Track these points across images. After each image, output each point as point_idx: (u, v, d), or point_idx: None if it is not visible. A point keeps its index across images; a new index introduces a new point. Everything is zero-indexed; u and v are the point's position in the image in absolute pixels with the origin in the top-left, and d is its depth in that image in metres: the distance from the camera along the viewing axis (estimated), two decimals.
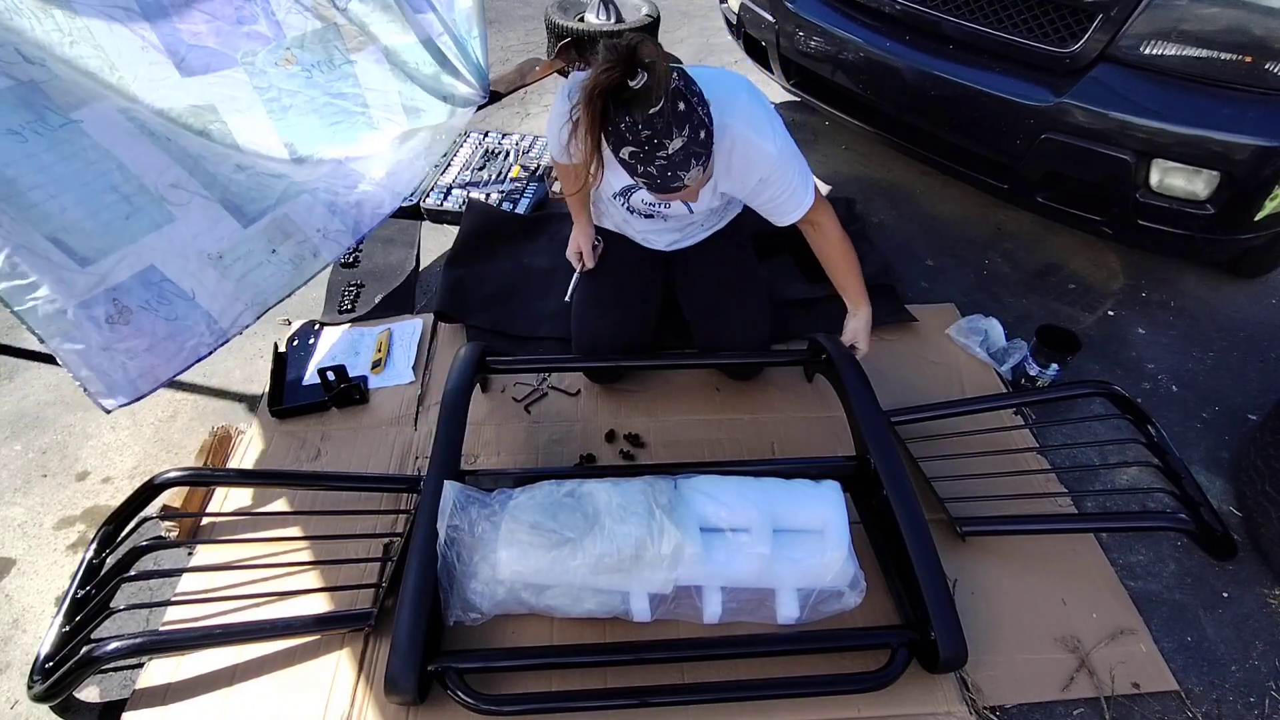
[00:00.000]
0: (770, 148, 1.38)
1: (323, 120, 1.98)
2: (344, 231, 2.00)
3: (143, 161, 1.56)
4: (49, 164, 1.43)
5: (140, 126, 1.54)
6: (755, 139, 1.37)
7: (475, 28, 2.50)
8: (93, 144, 1.47)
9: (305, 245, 1.90)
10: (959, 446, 1.62)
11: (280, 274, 1.85)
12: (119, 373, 1.52)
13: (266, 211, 1.80)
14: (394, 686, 1.17)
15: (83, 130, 1.46)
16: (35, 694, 1.19)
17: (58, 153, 1.44)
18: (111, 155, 1.51)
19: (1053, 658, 1.35)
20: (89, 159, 1.48)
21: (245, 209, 1.75)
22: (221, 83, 1.71)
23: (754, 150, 1.38)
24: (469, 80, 2.49)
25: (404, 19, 2.08)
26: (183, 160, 1.62)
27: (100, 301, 1.49)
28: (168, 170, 1.59)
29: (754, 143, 1.37)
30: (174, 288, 1.62)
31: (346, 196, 2.01)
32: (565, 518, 1.28)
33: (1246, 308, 2.15)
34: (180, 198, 1.62)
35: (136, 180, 1.55)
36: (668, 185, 1.21)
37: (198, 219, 1.66)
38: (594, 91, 1.11)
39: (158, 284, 1.59)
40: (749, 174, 1.42)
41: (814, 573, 1.30)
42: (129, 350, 1.53)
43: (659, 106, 1.11)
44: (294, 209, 1.86)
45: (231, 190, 1.72)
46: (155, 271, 1.59)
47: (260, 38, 1.75)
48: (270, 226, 1.81)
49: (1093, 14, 1.74)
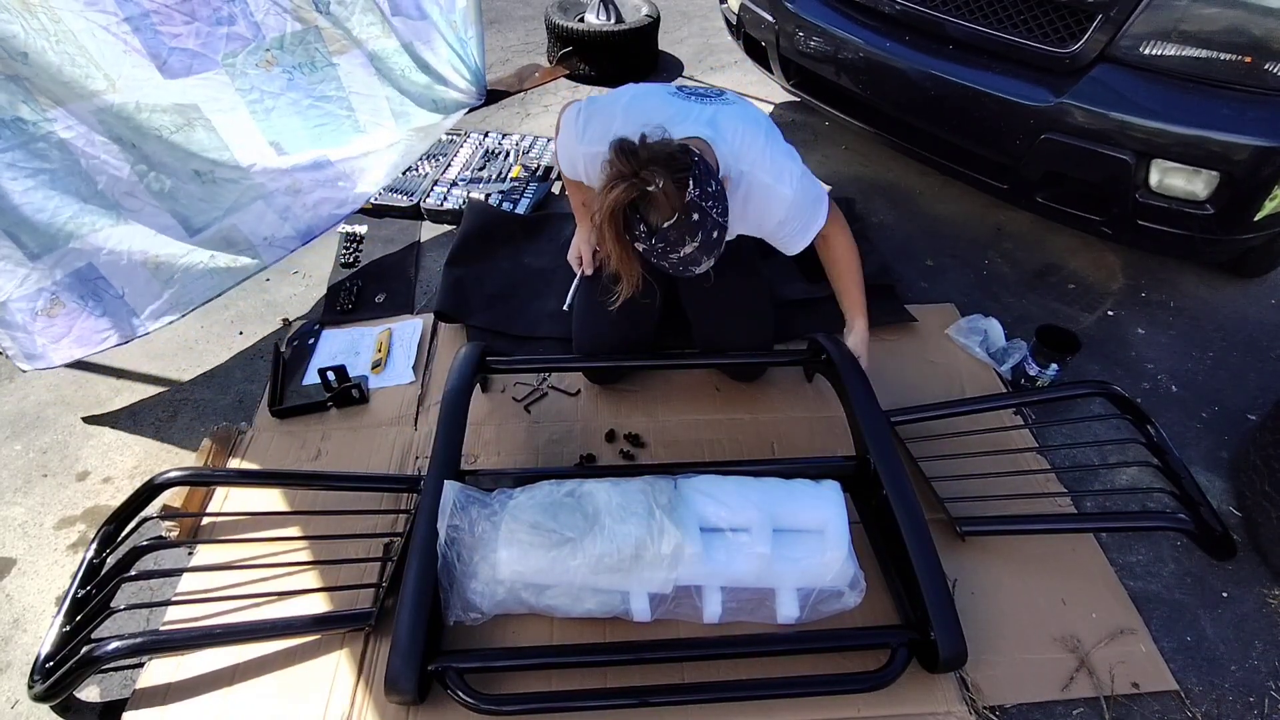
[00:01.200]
0: (787, 191, 1.38)
1: (306, 122, 2.01)
2: (292, 238, 2.06)
3: (104, 166, 1.62)
4: (19, 160, 1.48)
5: (109, 130, 1.59)
6: (773, 185, 1.37)
7: (472, 28, 2.50)
8: (60, 143, 1.54)
9: (246, 252, 1.96)
10: (959, 446, 1.62)
11: (213, 278, 1.91)
12: (37, 349, 1.65)
13: (213, 223, 1.86)
14: (394, 686, 1.17)
15: (54, 130, 1.51)
16: (35, 694, 1.19)
17: (29, 150, 1.50)
18: (76, 160, 1.57)
19: (1052, 657, 1.35)
20: (54, 158, 1.54)
21: (193, 220, 1.82)
22: (204, 84, 1.74)
23: (771, 196, 1.38)
24: (463, 82, 2.50)
25: (384, 22, 2.08)
26: (144, 161, 1.67)
27: (38, 295, 1.60)
28: (123, 179, 1.66)
29: (771, 189, 1.38)
30: (106, 284, 1.70)
31: (307, 197, 2.04)
32: (565, 517, 1.28)
33: (1246, 308, 2.15)
34: (134, 205, 1.70)
35: (95, 185, 1.62)
36: (680, 275, 1.26)
37: (147, 225, 1.73)
38: (613, 210, 1.14)
39: (93, 280, 1.68)
40: (766, 219, 1.43)
41: (814, 572, 1.30)
42: (51, 334, 1.65)
43: (673, 220, 1.13)
44: (243, 219, 1.92)
45: (182, 201, 1.78)
46: (93, 269, 1.67)
47: (240, 39, 1.77)
48: (215, 237, 1.88)
49: (1093, 14, 1.74)
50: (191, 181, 1.77)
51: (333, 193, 2.10)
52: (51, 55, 1.46)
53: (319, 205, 2.07)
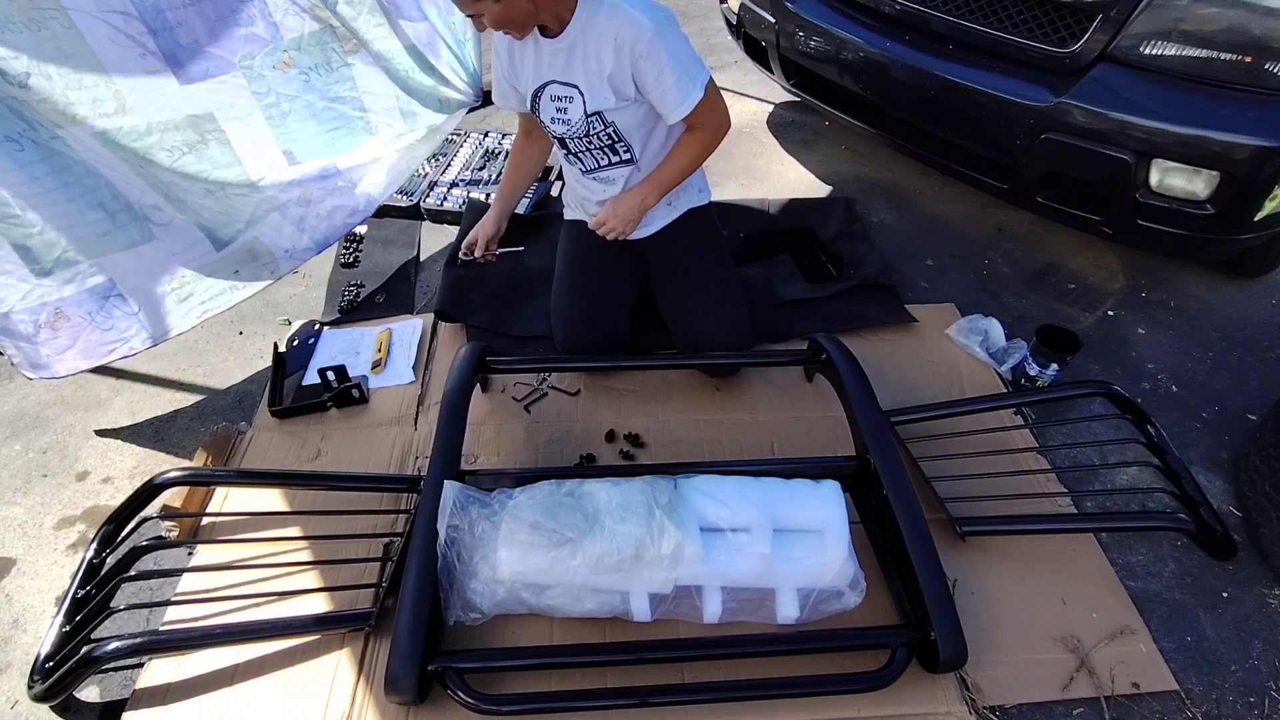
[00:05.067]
0: (644, 19, 1.37)
1: (321, 126, 1.99)
2: (310, 249, 2.04)
3: (126, 181, 1.59)
4: (40, 175, 1.46)
5: (115, 149, 1.56)
6: (627, 8, 1.37)
7: (470, 29, 2.50)
8: (80, 159, 1.51)
9: (268, 265, 1.95)
10: (959, 446, 1.62)
11: (231, 294, 1.89)
12: (41, 359, 1.63)
13: (238, 235, 1.84)
14: (394, 686, 1.17)
15: (68, 145, 1.49)
16: (35, 694, 1.19)
17: (49, 164, 1.47)
18: (99, 172, 1.55)
19: (1053, 658, 1.35)
20: (78, 173, 1.52)
21: (220, 233, 1.80)
22: (220, 89, 1.71)
23: (624, 16, 1.37)
24: (462, 83, 2.50)
25: (389, 24, 2.08)
26: (156, 186, 1.65)
27: (41, 309, 1.57)
28: (147, 193, 1.63)
29: (626, 11, 1.37)
30: (121, 302, 1.68)
31: (319, 206, 2.02)
32: (565, 517, 1.28)
33: (1246, 308, 2.15)
34: (162, 218, 1.67)
35: (124, 198, 1.60)
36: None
37: (176, 240, 1.71)
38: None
39: (107, 298, 1.65)
40: (623, 43, 1.39)
41: (814, 572, 1.30)
42: (55, 346, 1.63)
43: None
44: (264, 231, 1.90)
45: (204, 215, 1.76)
46: (112, 285, 1.65)
47: (258, 40, 1.75)
48: (240, 250, 1.86)
49: (1093, 14, 1.74)
50: (206, 197, 1.75)
51: (345, 200, 2.08)
52: (56, 77, 1.43)
53: (332, 214, 2.06)
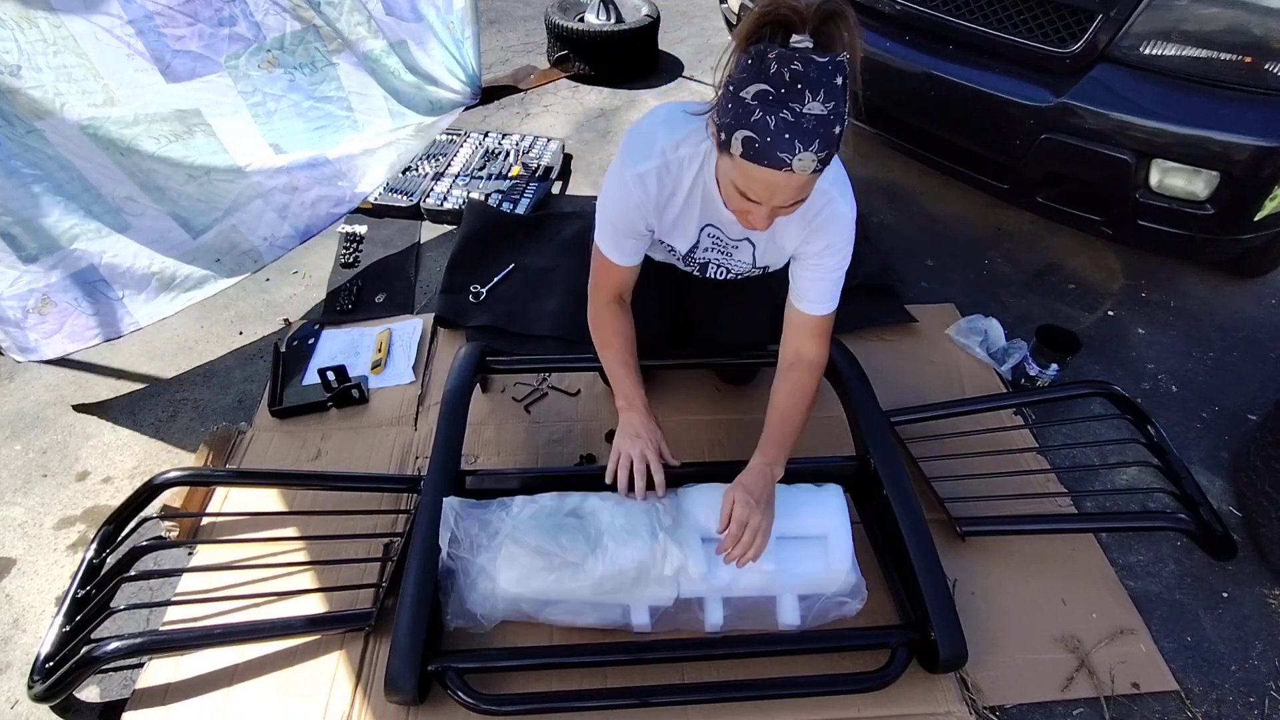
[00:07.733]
0: (848, 213, 1.27)
1: (308, 124, 2.01)
2: (292, 237, 2.05)
3: (101, 173, 1.61)
4: (17, 167, 1.48)
5: (98, 140, 1.58)
6: (839, 199, 1.26)
7: (469, 29, 2.50)
8: (54, 153, 1.53)
9: (248, 254, 1.96)
10: (959, 446, 1.62)
11: (214, 282, 1.91)
12: (30, 343, 1.66)
13: (214, 224, 1.85)
14: (394, 686, 1.17)
15: (45, 138, 1.51)
16: (35, 694, 1.19)
17: (26, 158, 1.49)
18: (72, 165, 1.57)
19: (1053, 658, 1.35)
20: (51, 166, 1.54)
21: (194, 222, 1.82)
22: (207, 88, 1.73)
23: (834, 211, 1.26)
24: (458, 83, 2.50)
25: (370, 22, 2.08)
26: (134, 175, 1.67)
27: (29, 295, 1.60)
28: (122, 184, 1.65)
29: (837, 202, 1.25)
30: (106, 286, 1.71)
31: (305, 195, 2.03)
32: (567, 540, 1.26)
33: (1246, 308, 2.15)
34: (135, 209, 1.70)
35: (95, 190, 1.62)
36: (771, 152, 0.97)
37: (150, 229, 1.73)
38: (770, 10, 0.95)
39: (91, 283, 1.68)
40: (823, 233, 1.28)
41: (817, 581, 1.29)
42: (43, 330, 1.66)
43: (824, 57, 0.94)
44: (242, 219, 1.91)
45: (181, 204, 1.77)
46: (94, 271, 1.68)
47: (241, 40, 1.76)
48: (217, 238, 1.87)
49: (1093, 14, 1.74)
50: (188, 184, 1.77)
51: (330, 190, 2.09)
52: (46, 70, 1.44)
53: (317, 204, 2.07)
